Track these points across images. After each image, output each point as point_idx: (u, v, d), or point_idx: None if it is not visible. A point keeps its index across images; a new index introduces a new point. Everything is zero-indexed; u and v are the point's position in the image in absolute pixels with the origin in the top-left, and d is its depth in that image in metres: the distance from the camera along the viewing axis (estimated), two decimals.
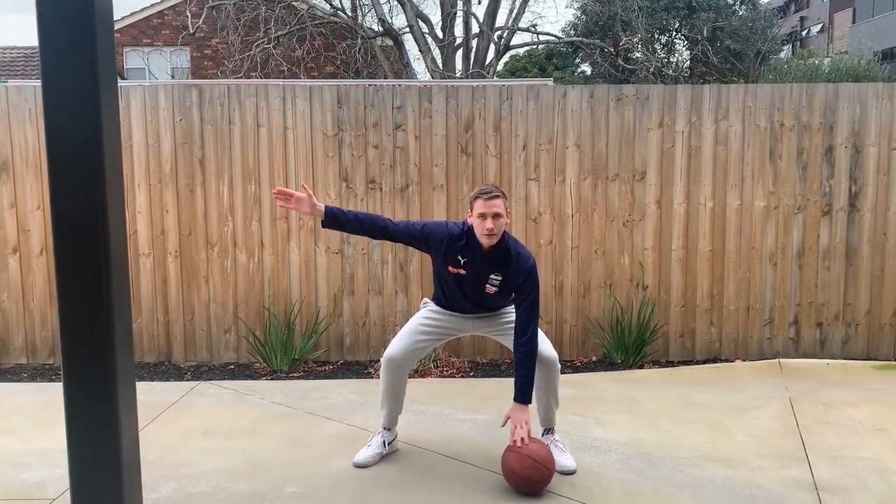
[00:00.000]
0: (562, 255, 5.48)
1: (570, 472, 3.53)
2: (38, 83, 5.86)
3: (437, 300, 3.73)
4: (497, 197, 3.36)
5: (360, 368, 5.38)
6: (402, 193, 5.42)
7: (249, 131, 5.39)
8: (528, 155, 5.41)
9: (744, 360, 5.50)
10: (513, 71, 27.94)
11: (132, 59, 18.50)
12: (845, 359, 5.50)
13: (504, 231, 3.46)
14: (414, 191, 5.42)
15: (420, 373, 5.17)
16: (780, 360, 5.43)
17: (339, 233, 5.37)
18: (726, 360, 5.52)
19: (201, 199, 5.41)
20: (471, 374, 5.26)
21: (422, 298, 3.80)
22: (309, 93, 5.39)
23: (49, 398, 4.66)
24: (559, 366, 3.62)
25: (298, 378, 5.17)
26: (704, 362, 5.50)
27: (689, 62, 21.56)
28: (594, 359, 5.54)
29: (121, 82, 9.57)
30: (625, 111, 5.39)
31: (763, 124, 5.40)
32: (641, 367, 5.36)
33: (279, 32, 15.25)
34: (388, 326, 5.48)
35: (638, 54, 18.07)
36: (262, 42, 15.05)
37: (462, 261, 3.49)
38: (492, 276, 3.49)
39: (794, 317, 5.53)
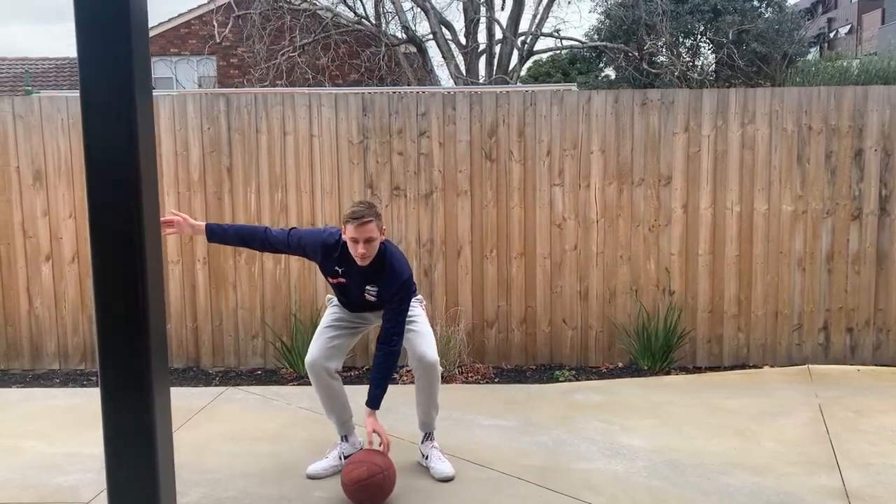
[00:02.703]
0: (587, 260, 5.46)
1: (448, 479, 3.52)
2: (71, 93, 5.97)
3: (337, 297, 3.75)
4: (368, 221, 3.28)
5: None
6: (427, 200, 5.45)
7: (276, 139, 5.45)
8: (553, 160, 5.41)
9: (772, 366, 5.44)
10: (536, 76, 27.87)
11: (160, 68, 18.75)
12: (876, 365, 5.41)
13: (383, 243, 3.44)
14: (438, 197, 5.44)
15: (445, 379, 5.17)
16: (810, 366, 5.37)
17: None
18: (754, 366, 5.46)
19: (229, 207, 5.48)
20: (496, 380, 5.26)
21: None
22: (334, 100, 5.44)
23: (81, 403, 4.74)
24: (440, 370, 3.60)
25: None
26: (732, 368, 5.45)
27: (714, 66, 21.36)
28: (620, 365, 5.51)
29: None
30: (650, 116, 5.38)
31: (790, 128, 5.35)
32: (668, 373, 5.33)
33: (304, 41, 15.39)
34: None
35: (662, 58, 17.95)
36: (288, 50, 15.20)
37: (340, 270, 3.50)
38: (368, 287, 3.49)
39: (823, 322, 5.46)
